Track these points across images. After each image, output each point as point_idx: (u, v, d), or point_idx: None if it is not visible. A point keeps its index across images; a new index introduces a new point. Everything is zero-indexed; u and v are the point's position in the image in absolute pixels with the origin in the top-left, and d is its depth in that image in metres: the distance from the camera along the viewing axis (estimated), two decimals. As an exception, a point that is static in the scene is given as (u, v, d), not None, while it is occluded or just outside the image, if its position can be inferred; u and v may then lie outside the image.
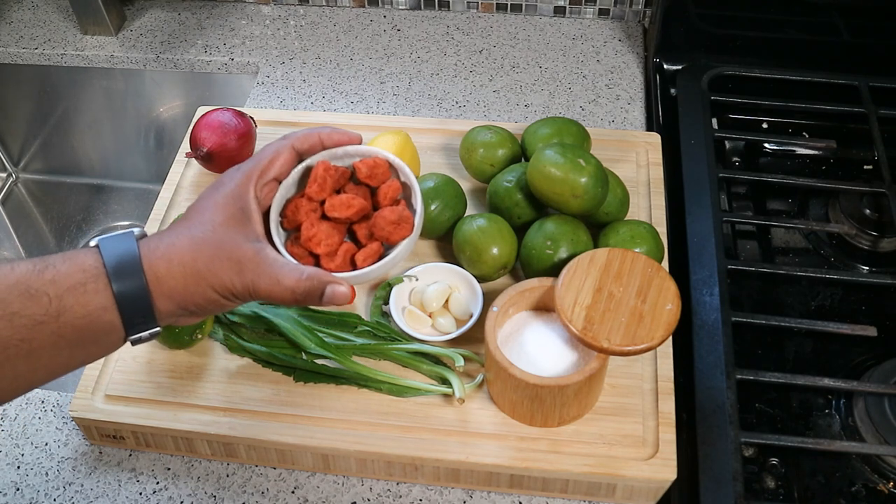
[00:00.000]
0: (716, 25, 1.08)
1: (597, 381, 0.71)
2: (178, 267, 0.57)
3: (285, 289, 0.59)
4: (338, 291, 0.60)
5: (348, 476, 0.77)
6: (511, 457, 0.72)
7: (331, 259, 0.65)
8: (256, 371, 0.79)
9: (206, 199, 0.62)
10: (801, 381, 0.79)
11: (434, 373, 0.77)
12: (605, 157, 0.87)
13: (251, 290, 0.59)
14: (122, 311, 0.55)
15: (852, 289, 0.89)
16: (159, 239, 0.59)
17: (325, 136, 0.66)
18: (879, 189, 0.92)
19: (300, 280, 0.59)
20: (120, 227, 1.26)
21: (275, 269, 0.59)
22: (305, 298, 0.60)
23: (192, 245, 0.58)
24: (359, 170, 0.67)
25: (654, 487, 0.72)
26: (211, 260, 0.58)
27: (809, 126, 1.04)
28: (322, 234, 0.65)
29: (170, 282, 0.57)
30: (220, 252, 0.58)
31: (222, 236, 0.59)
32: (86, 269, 0.55)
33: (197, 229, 0.59)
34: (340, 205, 0.66)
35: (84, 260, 0.55)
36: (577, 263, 0.73)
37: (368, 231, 0.66)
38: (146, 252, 0.57)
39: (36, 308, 0.53)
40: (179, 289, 0.57)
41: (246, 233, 0.60)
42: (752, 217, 0.97)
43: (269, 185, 0.64)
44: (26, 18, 1.26)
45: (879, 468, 0.75)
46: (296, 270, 0.59)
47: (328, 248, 0.65)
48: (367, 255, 0.65)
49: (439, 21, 1.22)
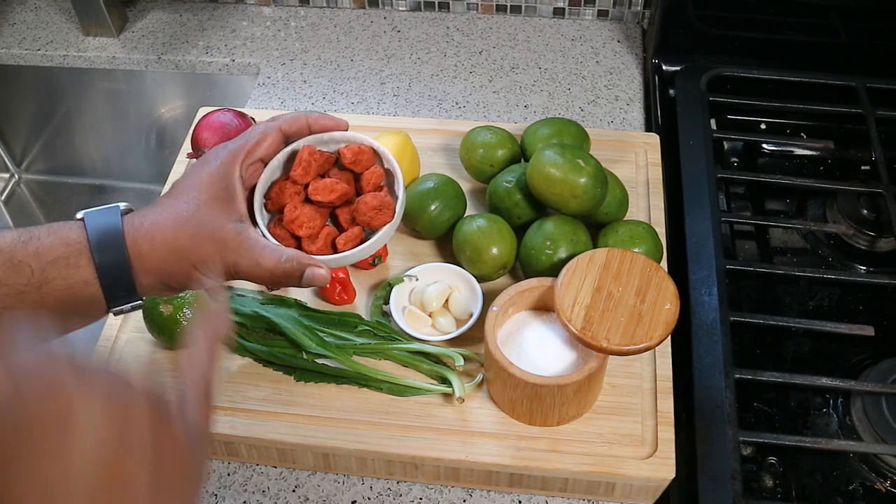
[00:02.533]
0: (714, 26, 1.09)
1: (596, 380, 0.71)
2: (160, 244, 0.58)
3: (265, 270, 0.60)
4: (317, 274, 0.61)
5: (349, 475, 0.77)
6: (511, 456, 0.72)
7: (312, 241, 0.66)
8: (257, 370, 0.79)
9: (191, 176, 0.62)
10: (799, 381, 0.79)
11: (434, 372, 0.77)
12: (604, 157, 0.87)
13: (232, 270, 0.60)
14: (103, 285, 0.57)
15: (850, 289, 0.90)
16: (143, 216, 0.59)
17: (312, 120, 0.67)
18: (877, 189, 0.92)
19: (280, 262, 0.60)
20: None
21: (256, 251, 0.60)
22: (284, 279, 0.61)
23: (176, 223, 0.59)
24: (343, 155, 0.68)
25: (652, 486, 0.72)
26: (193, 239, 0.59)
27: (807, 127, 1.04)
28: (305, 216, 0.65)
29: (152, 258, 0.58)
30: (203, 231, 0.59)
31: (205, 215, 0.60)
32: (69, 244, 0.56)
33: (181, 207, 0.60)
34: (324, 189, 0.67)
35: (68, 234, 0.57)
36: (577, 263, 0.73)
37: (350, 216, 0.67)
38: (130, 229, 0.58)
39: (18, 278, 0.55)
40: (161, 265, 0.58)
41: (229, 212, 0.61)
42: (750, 217, 0.97)
43: (254, 165, 0.64)
44: (29, 20, 1.26)
45: (877, 467, 0.76)
46: (276, 252, 0.60)
47: (310, 230, 0.66)
48: (348, 239, 0.66)
49: (439, 22, 1.23)
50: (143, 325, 0.80)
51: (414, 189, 0.87)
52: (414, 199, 0.86)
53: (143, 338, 0.81)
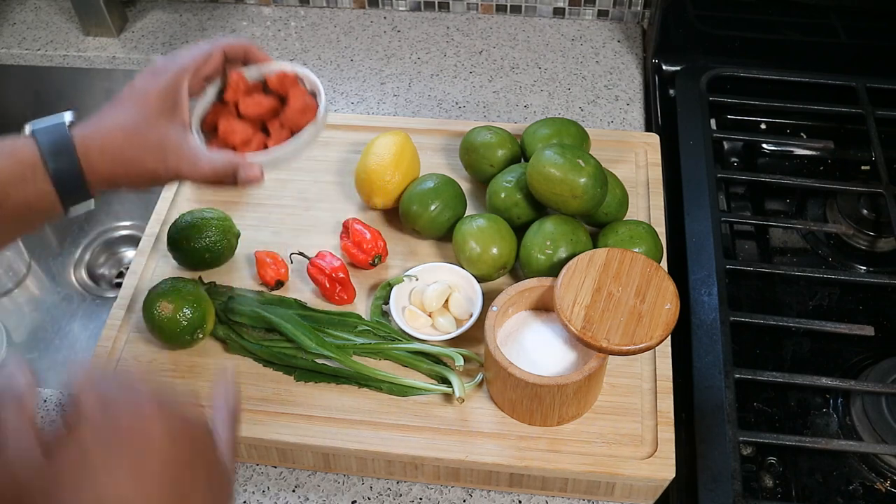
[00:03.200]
0: (714, 27, 1.09)
1: (596, 380, 0.71)
2: (109, 153, 0.65)
3: (203, 171, 0.67)
4: (250, 172, 0.68)
5: (349, 475, 0.77)
6: (511, 456, 0.72)
7: (246, 147, 0.72)
8: (257, 370, 0.79)
9: (140, 88, 0.68)
10: (798, 381, 0.79)
11: (434, 372, 0.77)
12: (604, 157, 0.87)
13: (174, 173, 0.67)
14: (59, 193, 0.63)
15: (850, 288, 0.90)
16: (93, 126, 0.65)
17: (251, 50, 0.74)
18: (877, 189, 0.92)
19: (215, 161, 0.68)
20: (121, 226, 1.27)
21: (194, 154, 0.67)
22: (221, 179, 0.68)
23: (124, 133, 0.65)
24: (269, 80, 0.75)
25: (652, 486, 0.72)
26: (139, 148, 0.66)
27: (807, 127, 1.05)
28: (237, 128, 0.72)
29: (102, 166, 0.65)
30: (148, 141, 0.66)
31: (152, 126, 0.67)
32: (24, 162, 0.62)
33: (130, 118, 0.66)
34: (253, 103, 0.73)
35: (22, 153, 0.62)
36: (577, 263, 0.73)
37: (279, 124, 0.73)
38: (80, 140, 0.64)
39: None
40: (110, 171, 0.65)
41: (174, 123, 0.68)
42: (750, 217, 0.97)
43: (198, 81, 0.70)
44: (28, 20, 1.26)
45: (877, 467, 0.76)
46: (213, 154, 0.68)
47: (242, 138, 0.72)
48: (277, 140, 0.72)
49: (439, 22, 1.23)
50: (143, 326, 0.80)
51: (414, 189, 0.87)
52: (414, 199, 0.86)
53: (143, 338, 0.81)
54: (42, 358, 1.11)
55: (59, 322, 1.15)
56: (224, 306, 0.82)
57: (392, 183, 0.88)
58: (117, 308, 0.84)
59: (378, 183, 0.88)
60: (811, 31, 1.07)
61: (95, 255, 1.24)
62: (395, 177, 0.88)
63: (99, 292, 1.20)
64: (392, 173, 0.88)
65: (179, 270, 0.87)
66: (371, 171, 0.88)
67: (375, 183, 0.88)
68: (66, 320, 1.16)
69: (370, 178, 0.88)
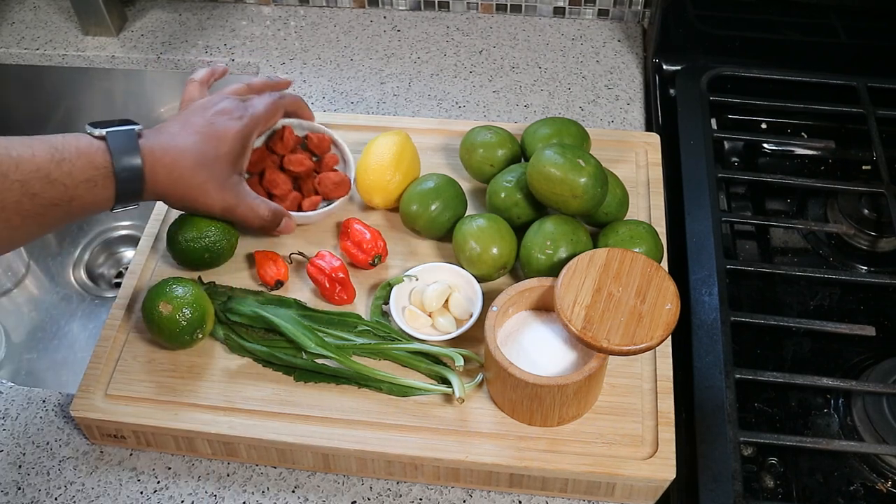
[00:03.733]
0: (715, 26, 1.08)
1: (596, 380, 0.71)
2: (175, 174, 0.73)
3: (262, 213, 0.81)
4: (289, 223, 0.84)
5: (348, 475, 0.77)
6: (510, 456, 0.72)
7: (282, 200, 0.87)
8: (257, 370, 0.79)
9: (222, 126, 0.77)
10: (799, 381, 0.79)
11: (434, 372, 0.77)
12: (604, 157, 0.87)
13: (230, 211, 0.79)
14: (118, 200, 0.71)
15: (851, 288, 0.90)
16: (165, 144, 0.73)
17: (301, 104, 0.89)
18: (878, 189, 0.92)
19: (269, 209, 0.81)
20: (120, 226, 1.27)
21: (251, 199, 0.80)
22: (268, 225, 0.82)
23: (195, 162, 0.74)
24: (310, 140, 0.91)
25: (653, 486, 0.72)
26: (206, 178, 0.75)
27: (808, 126, 1.04)
28: (280, 180, 0.87)
29: (164, 182, 0.73)
30: (215, 175, 0.76)
31: (221, 163, 0.76)
32: (97, 168, 0.68)
33: (203, 149, 0.75)
34: (297, 161, 0.88)
35: (95, 158, 0.68)
36: (577, 263, 0.73)
37: (312, 187, 0.88)
38: (149, 153, 0.71)
39: (53, 193, 0.66)
40: (170, 189, 0.74)
41: (237, 167, 0.78)
42: (750, 217, 0.97)
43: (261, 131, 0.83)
44: (28, 19, 1.26)
45: (878, 467, 0.76)
46: (266, 202, 0.81)
47: (283, 192, 0.87)
48: (311, 204, 0.87)
49: (439, 22, 1.23)
50: (142, 326, 0.80)
51: (414, 189, 0.87)
52: (414, 199, 0.86)
53: (142, 338, 0.81)
54: (41, 358, 1.11)
55: (59, 322, 1.15)
56: (224, 306, 0.82)
57: (393, 182, 0.88)
58: (117, 308, 0.84)
59: (379, 182, 0.88)
60: (811, 31, 1.07)
61: (95, 255, 1.24)
62: (395, 176, 0.88)
63: (98, 292, 1.20)
64: (393, 173, 0.88)
65: (179, 270, 0.86)
66: (372, 171, 0.88)
67: (376, 182, 0.88)
68: (66, 320, 1.15)
69: (371, 178, 0.88)
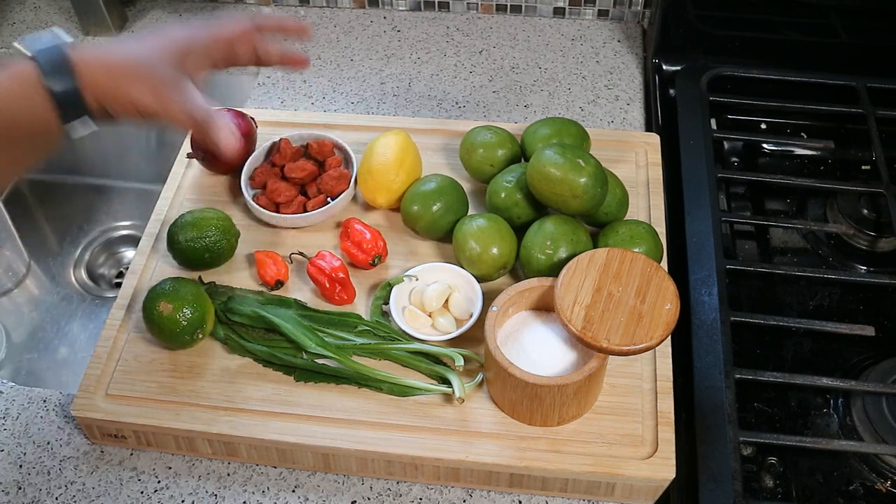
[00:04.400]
0: (715, 26, 1.09)
1: (596, 380, 0.71)
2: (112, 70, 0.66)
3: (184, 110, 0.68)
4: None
5: (349, 475, 0.77)
6: (511, 456, 0.72)
7: (288, 206, 0.88)
8: (257, 370, 0.79)
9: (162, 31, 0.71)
10: (799, 381, 0.79)
11: (434, 372, 0.77)
12: (604, 157, 0.87)
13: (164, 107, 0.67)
14: (61, 109, 0.65)
15: (850, 288, 0.90)
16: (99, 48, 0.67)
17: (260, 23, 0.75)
18: (877, 189, 0.92)
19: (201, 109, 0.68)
20: (120, 226, 1.27)
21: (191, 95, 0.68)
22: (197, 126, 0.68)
23: (134, 57, 0.68)
24: (311, 147, 0.92)
25: (653, 486, 0.72)
26: (145, 73, 0.67)
27: (808, 126, 1.05)
28: (282, 188, 0.89)
29: (101, 80, 0.66)
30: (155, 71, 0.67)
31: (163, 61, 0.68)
32: (26, 80, 0.63)
33: (143, 47, 0.69)
34: (297, 168, 0.90)
35: (24, 73, 0.63)
36: (577, 263, 0.73)
37: (316, 188, 0.89)
38: (80, 55, 0.65)
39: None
40: (110, 87, 0.66)
41: (184, 66, 0.69)
42: (750, 217, 0.97)
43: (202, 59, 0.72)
44: (28, 19, 1.26)
45: (877, 467, 0.76)
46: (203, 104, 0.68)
47: (286, 199, 0.88)
48: (315, 203, 0.88)
49: (439, 22, 1.23)
50: (143, 326, 0.80)
51: (416, 189, 0.87)
52: (416, 200, 0.86)
53: (143, 338, 0.81)
54: (42, 358, 1.11)
55: (59, 322, 1.15)
56: (224, 306, 0.82)
57: (396, 182, 0.88)
58: (117, 308, 0.84)
59: (382, 182, 0.88)
60: (811, 31, 1.07)
61: (95, 255, 1.24)
62: (398, 176, 0.88)
63: (99, 292, 1.20)
64: (396, 172, 0.88)
65: (179, 270, 0.87)
66: (375, 171, 0.88)
67: (379, 182, 0.88)
68: (66, 320, 1.15)
69: (374, 178, 0.88)
